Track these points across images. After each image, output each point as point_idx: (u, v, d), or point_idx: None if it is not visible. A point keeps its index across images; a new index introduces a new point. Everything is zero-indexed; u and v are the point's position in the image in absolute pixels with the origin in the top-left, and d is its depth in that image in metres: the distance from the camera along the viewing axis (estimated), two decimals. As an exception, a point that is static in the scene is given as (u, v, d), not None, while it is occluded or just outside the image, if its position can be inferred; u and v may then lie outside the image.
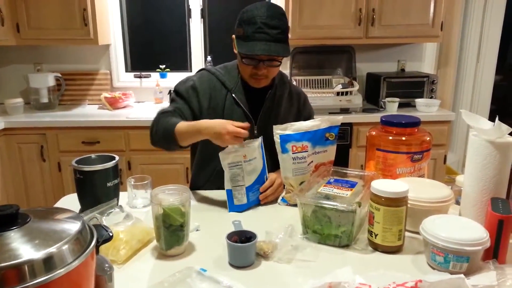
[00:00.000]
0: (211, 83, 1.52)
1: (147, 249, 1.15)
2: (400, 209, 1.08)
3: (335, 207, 1.11)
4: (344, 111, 2.79)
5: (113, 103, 3.00)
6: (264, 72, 1.43)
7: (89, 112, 2.95)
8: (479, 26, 3.70)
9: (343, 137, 2.74)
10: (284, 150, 1.29)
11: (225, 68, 1.57)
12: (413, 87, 3.00)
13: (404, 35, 2.92)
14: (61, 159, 2.76)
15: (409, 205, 1.11)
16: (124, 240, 1.09)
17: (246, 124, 1.28)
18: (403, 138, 1.37)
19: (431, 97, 3.00)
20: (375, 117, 2.77)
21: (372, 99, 3.07)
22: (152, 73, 3.31)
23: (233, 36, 1.45)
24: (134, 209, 1.39)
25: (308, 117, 1.67)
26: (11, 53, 3.17)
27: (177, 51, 3.38)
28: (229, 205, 1.35)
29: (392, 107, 2.85)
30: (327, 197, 1.17)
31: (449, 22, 3.20)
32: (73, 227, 0.76)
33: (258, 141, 1.38)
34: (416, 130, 1.39)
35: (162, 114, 1.48)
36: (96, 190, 1.20)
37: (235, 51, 1.47)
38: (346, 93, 2.80)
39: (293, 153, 1.29)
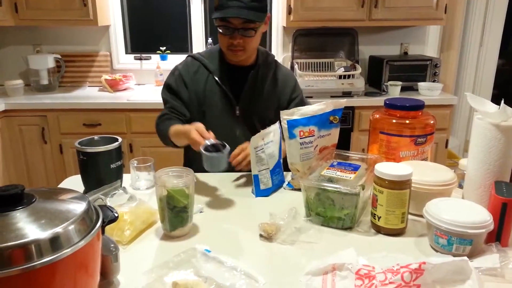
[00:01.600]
0: (193, 67, 1.57)
1: (151, 230, 1.15)
2: (404, 192, 1.08)
3: (339, 189, 1.11)
4: (346, 94, 2.78)
5: (113, 85, 2.98)
6: (240, 42, 1.45)
7: (89, 94, 2.93)
8: (483, 10, 3.65)
9: (345, 120, 2.73)
10: (292, 136, 1.28)
11: (210, 51, 1.62)
12: (416, 70, 2.98)
13: (408, 17, 2.88)
14: (62, 141, 2.75)
15: (412, 188, 1.11)
16: (128, 221, 1.09)
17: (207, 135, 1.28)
18: (407, 121, 1.36)
19: (434, 81, 2.98)
20: (378, 100, 2.76)
21: (374, 83, 3.05)
22: (152, 55, 3.28)
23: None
24: (138, 191, 1.40)
25: (301, 101, 1.67)
26: (9, 34, 3.13)
27: (178, 32, 3.34)
28: (256, 190, 1.33)
29: (394, 90, 2.84)
30: (331, 180, 1.17)
31: (452, 5, 3.16)
32: (79, 207, 0.76)
33: (276, 126, 1.38)
34: (420, 113, 1.38)
35: (159, 119, 1.56)
36: (100, 172, 1.20)
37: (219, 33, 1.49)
38: (349, 76, 2.78)
39: (300, 138, 1.28)
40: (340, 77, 2.78)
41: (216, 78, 1.55)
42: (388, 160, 1.36)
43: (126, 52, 3.32)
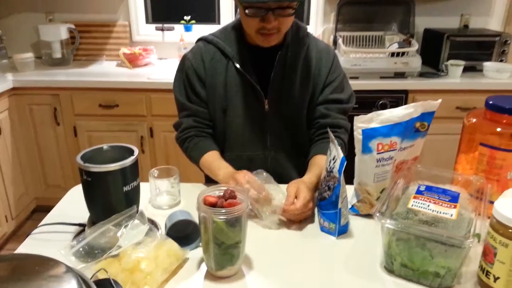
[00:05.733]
0: (208, 55, 1.24)
1: (176, 279, 0.86)
2: (540, 247, 0.75)
3: (443, 240, 0.78)
4: (399, 75, 2.38)
5: (132, 61, 2.66)
6: (275, 25, 1.11)
7: (106, 71, 2.63)
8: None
9: (396, 106, 2.35)
10: (367, 150, 0.95)
11: (225, 31, 1.27)
12: (480, 48, 2.54)
13: (476, -17, 2.42)
14: (76, 123, 2.47)
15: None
16: (146, 272, 0.80)
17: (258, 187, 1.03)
18: (517, 130, 1.01)
19: (501, 61, 2.54)
20: (435, 83, 2.36)
21: (430, 62, 2.62)
22: (175, 25, 2.92)
23: None
24: (158, 211, 1.10)
25: (339, 86, 1.28)
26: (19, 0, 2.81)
27: (204, 0, 2.97)
28: (338, 228, 0.98)
29: (455, 71, 2.42)
30: (424, 219, 0.84)
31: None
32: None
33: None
34: (536, 119, 1.02)
35: (183, 137, 1.28)
36: (109, 197, 0.90)
37: (242, 16, 1.16)
38: (403, 53, 2.37)
39: (378, 153, 0.95)
40: (392, 54, 2.38)
41: (237, 65, 1.21)
42: (489, 181, 1.02)
43: (147, 22, 2.97)
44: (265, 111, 1.25)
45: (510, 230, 0.76)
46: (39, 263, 0.53)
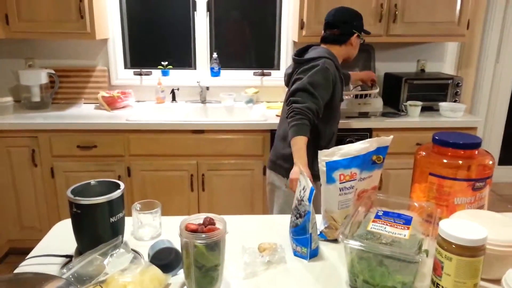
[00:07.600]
0: (335, 68, 1.86)
1: (159, 302, 0.93)
2: (478, 259, 0.87)
3: (396, 255, 0.89)
4: (363, 115, 2.57)
5: (111, 103, 2.76)
6: None
7: (85, 113, 2.71)
8: (500, 25, 3.50)
9: (362, 144, 2.52)
10: (330, 180, 1.07)
11: (329, 54, 1.87)
12: (436, 89, 2.78)
13: (428, 33, 2.69)
14: (54, 164, 2.52)
15: (485, 253, 0.90)
16: (132, 295, 0.87)
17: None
18: (460, 162, 1.16)
19: (455, 101, 2.79)
20: (396, 122, 2.56)
21: (390, 102, 2.85)
22: (153, 70, 3.07)
23: (355, 36, 1.93)
24: (141, 242, 1.17)
25: None
26: None
27: (181, 46, 3.14)
28: (310, 252, 1.08)
29: (414, 111, 2.64)
30: (381, 239, 0.95)
31: (471, 21, 2.98)
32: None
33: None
34: (476, 152, 1.18)
35: (301, 112, 1.69)
36: (97, 227, 0.97)
37: (354, 45, 1.96)
38: (365, 95, 2.58)
39: (340, 183, 1.07)
40: (356, 96, 2.58)
41: (341, 75, 1.90)
42: (439, 206, 1.15)
43: (125, 67, 3.11)
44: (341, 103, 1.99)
45: (453, 246, 0.87)
46: (44, 279, 0.61)
